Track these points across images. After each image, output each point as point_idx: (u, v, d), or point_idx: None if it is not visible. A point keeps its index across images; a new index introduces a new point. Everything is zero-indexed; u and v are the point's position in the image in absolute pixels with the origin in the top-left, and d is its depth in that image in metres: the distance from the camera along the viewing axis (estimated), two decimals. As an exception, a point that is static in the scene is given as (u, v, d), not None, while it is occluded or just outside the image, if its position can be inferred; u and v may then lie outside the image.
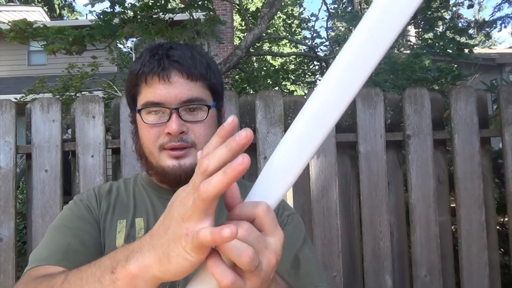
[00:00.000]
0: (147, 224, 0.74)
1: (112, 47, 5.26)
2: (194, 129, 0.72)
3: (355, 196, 1.66)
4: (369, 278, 1.56)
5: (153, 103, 0.71)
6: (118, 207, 0.77)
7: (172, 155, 0.71)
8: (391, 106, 1.69)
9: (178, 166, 0.71)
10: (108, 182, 0.84)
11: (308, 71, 6.74)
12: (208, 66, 0.74)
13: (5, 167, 1.53)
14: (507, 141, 1.62)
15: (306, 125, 0.39)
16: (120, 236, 0.73)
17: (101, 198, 0.78)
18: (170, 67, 0.70)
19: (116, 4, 3.19)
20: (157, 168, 0.73)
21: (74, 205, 0.77)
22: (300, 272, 0.73)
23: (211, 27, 5.28)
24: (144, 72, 0.71)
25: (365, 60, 0.37)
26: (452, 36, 4.04)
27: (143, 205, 0.78)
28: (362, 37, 0.37)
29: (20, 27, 2.89)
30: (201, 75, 0.72)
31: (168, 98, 0.70)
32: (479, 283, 1.56)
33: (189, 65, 0.71)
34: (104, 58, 5.28)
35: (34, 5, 14.55)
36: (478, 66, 5.01)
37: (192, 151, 0.72)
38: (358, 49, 0.37)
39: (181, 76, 0.71)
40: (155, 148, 0.72)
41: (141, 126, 0.74)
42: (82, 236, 0.70)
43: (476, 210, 1.58)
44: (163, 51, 0.72)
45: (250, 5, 13.16)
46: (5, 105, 1.56)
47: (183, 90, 0.70)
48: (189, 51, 0.74)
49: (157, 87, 0.70)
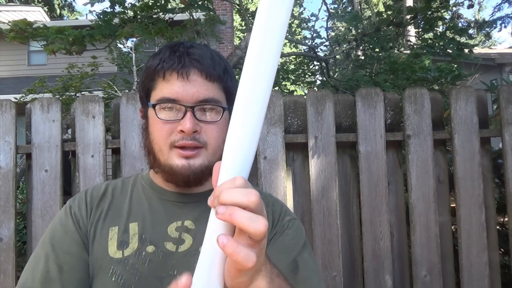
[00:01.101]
0: (142, 228, 0.73)
1: (112, 47, 5.26)
2: (207, 130, 0.71)
3: (355, 196, 1.66)
4: (369, 278, 1.56)
5: (169, 99, 0.70)
6: (111, 213, 0.76)
7: (183, 154, 0.70)
8: (391, 106, 1.69)
9: (187, 166, 0.70)
10: (104, 183, 0.82)
11: (308, 71, 6.73)
12: (226, 69, 0.74)
13: (5, 167, 1.53)
14: (507, 141, 1.62)
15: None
16: (112, 243, 0.71)
17: (92, 205, 0.76)
18: (190, 65, 0.70)
19: (116, 4, 3.18)
20: (165, 166, 0.71)
21: (64, 215, 0.76)
22: (298, 277, 0.72)
23: (211, 27, 5.28)
24: (163, 67, 0.70)
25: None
26: (452, 36, 4.04)
27: (139, 208, 0.76)
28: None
29: (20, 27, 2.89)
30: (219, 76, 0.72)
31: (185, 95, 0.69)
32: (479, 283, 1.56)
33: (209, 65, 0.71)
34: (104, 58, 5.28)
35: (34, 5, 14.55)
36: (478, 66, 5.01)
37: (203, 151, 0.71)
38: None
39: (200, 75, 0.70)
40: (165, 145, 0.70)
41: (154, 121, 0.72)
42: (62, 259, 0.70)
43: (476, 210, 1.58)
44: (184, 49, 0.71)
45: (250, 5, 13.16)
46: (5, 105, 1.56)
47: (201, 89, 0.70)
48: (209, 52, 0.73)
49: (174, 84, 0.69)
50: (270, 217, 0.78)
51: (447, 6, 4.23)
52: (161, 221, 0.74)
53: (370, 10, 15.91)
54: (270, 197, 0.84)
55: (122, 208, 0.76)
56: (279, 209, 0.81)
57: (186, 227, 0.74)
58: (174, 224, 0.74)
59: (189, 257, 0.71)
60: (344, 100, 1.70)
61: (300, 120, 1.66)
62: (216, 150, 0.72)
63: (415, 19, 3.81)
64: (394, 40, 4.70)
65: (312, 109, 1.61)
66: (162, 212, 0.76)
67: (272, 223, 0.78)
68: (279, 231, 0.77)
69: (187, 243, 0.72)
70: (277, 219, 0.79)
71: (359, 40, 4.39)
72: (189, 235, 0.73)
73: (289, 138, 1.61)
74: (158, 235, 0.72)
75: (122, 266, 0.69)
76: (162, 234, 0.73)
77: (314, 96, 1.62)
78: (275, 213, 0.80)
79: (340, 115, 1.68)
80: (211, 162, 0.71)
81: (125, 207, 0.77)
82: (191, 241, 0.72)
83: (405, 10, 3.85)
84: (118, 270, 0.69)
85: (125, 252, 0.70)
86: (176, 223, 0.74)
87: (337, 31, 15.67)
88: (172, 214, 0.75)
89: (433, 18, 3.67)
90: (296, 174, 1.65)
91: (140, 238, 0.72)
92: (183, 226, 0.74)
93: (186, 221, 0.75)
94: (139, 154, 1.55)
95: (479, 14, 20.42)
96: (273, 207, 0.81)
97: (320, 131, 1.60)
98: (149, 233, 0.73)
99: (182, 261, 0.70)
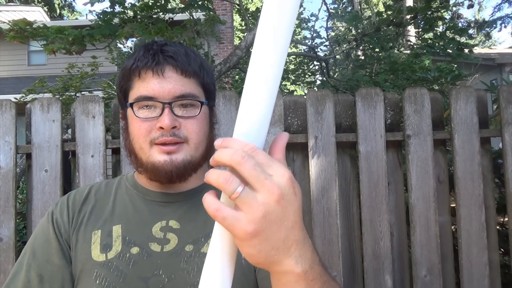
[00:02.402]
0: (125, 230, 0.73)
1: (112, 47, 5.26)
2: (187, 125, 0.71)
3: (355, 196, 1.66)
4: (369, 278, 1.56)
5: (146, 97, 0.70)
6: (94, 216, 0.75)
7: (164, 150, 0.69)
8: (391, 106, 1.69)
9: (169, 161, 0.69)
10: (88, 186, 0.82)
11: (308, 71, 6.73)
12: (201, 65, 0.74)
13: (5, 167, 1.53)
14: (507, 141, 1.62)
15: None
16: (95, 247, 0.71)
17: (74, 210, 0.76)
18: (165, 62, 0.70)
19: (116, 4, 3.18)
20: (147, 165, 0.71)
21: (46, 222, 0.76)
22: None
23: (211, 27, 5.28)
24: (138, 66, 0.70)
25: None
26: (452, 36, 4.04)
27: (123, 210, 0.76)
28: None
29: (20, 27, 2.89)
30: (194, 72, 0.72)
31: (161, 92, 0.69)
32: (479, 283, 1.56)
33: (183, 61, 0.71)
34: (104, 58, 5.28)
35: (34, 5, 14.55)
36: (478, 66, 5.01)
37: (184, 146, 0.71)
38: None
39: (175, 71, 0.70)
40: (145, 143, 0.70)
41: (132, 120, 0.72)
42: (43, 268, 0.71)
43: (476, 210, 1.58)
44: (157, 47, 0.72)
45: (250, 5, 13.17)
46: (5, 105, 1.56)
47: (177, 85, 0.70)
48: (183, 49, 0.74)
49: (150, 81, 0.70)
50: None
51: (447, 6, 4.23)
52: (145, 222, 0.74)
53: (370, 10, 15.91)
54: None
55: (105, 210, 0.76)
56: None
57: (170, 227, 0.74)
58: (158, 224, 0.74)
59: (174, 256, 0.71)
60: (344, 100, 1.70)
61: (300, 120, 1.66)
62: (198, 145, 0.72)
63: (415, 19, 3.81)
64: (394, 40, 4.70)
65: (312, 109, 1.61)
66: (146, 212, 0.76)
67: None
68: None
69: (172, 242, 0.72)
70: None
71: (359, 40, 4.38)
72: (174, 235, 0.73)
73: (289, 138, 1.61)
74: (142, 236, 0.72)
75: (106, 269, 0.69)
76: (147, 234, 0.73)
77: (314, 96, 1.62)
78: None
79: (340, 115, 1.68)
80: (193, 157, 0.72)
81: (107, 209, 0.76)
82: (176, 241, 0.72)
83: (405, 10, 3.85)
84: (102, 273, 0.68)
85: (108, 255, 0.70)
86: (160, 223, 0.74)
87: (337, 31, 15.68)
88: (156, 214, 0.75)
89: (433, 18, 3.67)
90: (296, 174, 1.65)
91: (123, 240, 0.72)
92: (167, 226, 0.74)
93: (171, 221, 0.74)
94: (139, 154, 1.55)
95: (479, 14, 20.43)
96: None
97: (320, 131, 1.60)
98: (133, 234, 0.72)
99: (167, 261, 0.70)
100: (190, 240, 0.72)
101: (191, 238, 0.72)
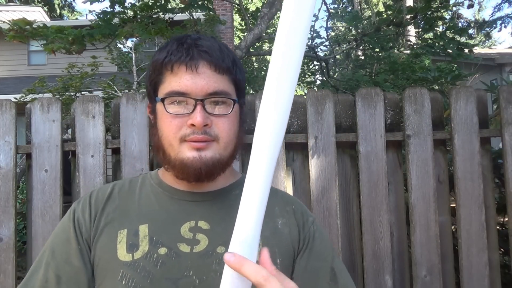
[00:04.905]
0: (152, 230, 0.70)
1: (112, 47, 5.26)
2: (218, 123, 0.69)
3: (355, 196, 1.65)
4: (369, 278, 1.56)
5: (178, 92, 0.67)
6: (119, 215, 0.73)
7: (194, 146, 0.67)
8: (391, 106, 1.69)
9: (198, 158, 0.67)
10: (110, 184, 0.79)
11: (308, 71, 6.73)
12: (234, 61, 0.72)
13: (5, 167, 1.53)
14: (507, 141, 1.62)
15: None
16: (121, 247, 0.69)
17: (97, 209, 0.74)
18: (199, 57, 0.68)
19: (116, 4, 3.19)
20: (175, 161, 0.69)
21: (67, 220, 0.74)
22: (339, 286, 0.72)
23: (211, 27, 5.27)
24: (171, 60, 0.68)
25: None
26: (452, 36, 4.04)
27: (149, 209, 0.74)
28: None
29: (20, 26, 2.89)
30: (228, 68, 0.70)
31: (194, 88, 0.67)
32: (479, 283, 1.56)
33: (218, 56, 0.69)
34: (104, 58, 5.28)
35: (34, 5, 14.55)
36: (478, 66, 5.01)
37: (214, 144, 0.69)
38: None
39: (209, 67, 0.68)
40: (175, 140, 0.68)
41: (162, 116, 0.70)
42: (61, 268, 0.69)
43: (476, 210, 1.58)
44: (192, 41, 0.69)
45: (250, 5, 13.16)
46: (5, 105, 1.56)
47: (210, 81, 0.68)
48: (217, 44, 0.71)
49: (183, 77, 0.67)
50: (292, 216, 0.77)
51: (447, 6, 4.23)
52: (173, 222, 0.72)
53: (370, 10, 15.91)
54: (287, 196, 0.83)
55: (131, 209, 0.74)
56: (300, 208, 0.79)
57: (200, 227, 0.71)
58: (187, 224, 0.71)
59: (205, 258, 0.68)
60: (344, 100, 1.70)
61: (300, 120, 1.66)
62: (228, 144, 0.70)
63: (415, 19, 3.81)
64: (394, 40, 4.70)
65: (312, 109, 1.61)
66: (174, 212, 0.73)
67: (297, 223, 0.76)
68: (309, 235, 0.75)
69: (202, 243, 0.70)
70: (301, 220, 0.77)
71: (359, 40, 4.38)
72: (204, 236, 0.70)
73: (289, 138, 1.61)
74: (170, 236, 0.70)
75: (133, 269, 0.67)
76: (175, 235, 0.70)
77: (314, 96, 1.62)
78: (297, 212, 0.78)
79: (340, 115, 1.68)
80: (222, 155, 0.70)
81: (133, 208, 0.74)
82: (206, 242, 0.70)
83: (405, 10, 3.85)
84: (128, 274, 0.67)
85: (135, 255, 0.68)
86: (189, 223, 0.71)
87: (337, 31, 15.68)
88: (184, 214, 0.72)
89: (433, 18, 3.67)
90: (296, 174, 1.65)
91: (150, 240, 0.70)
92: (196, 226, 0.71)
93: (200, 221, 0.72)
94: (139, 154, 1.55)
95: (479, 14, 20.43)
96: (294, 206, 0.79)
97: (320, 131, 1.60)
98: (161, 234, 0.70)
99: (198, 262, 0.68)
100: (221, 242, 0.70)
101: (222, 240, 0.70)
